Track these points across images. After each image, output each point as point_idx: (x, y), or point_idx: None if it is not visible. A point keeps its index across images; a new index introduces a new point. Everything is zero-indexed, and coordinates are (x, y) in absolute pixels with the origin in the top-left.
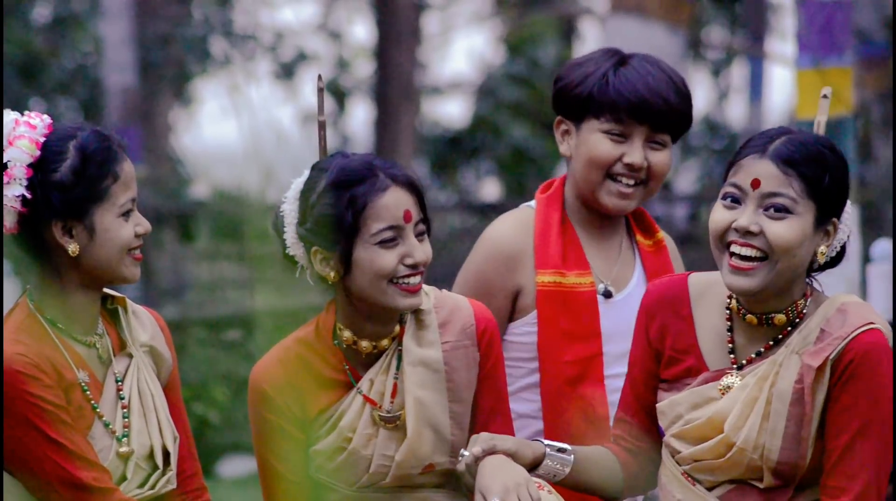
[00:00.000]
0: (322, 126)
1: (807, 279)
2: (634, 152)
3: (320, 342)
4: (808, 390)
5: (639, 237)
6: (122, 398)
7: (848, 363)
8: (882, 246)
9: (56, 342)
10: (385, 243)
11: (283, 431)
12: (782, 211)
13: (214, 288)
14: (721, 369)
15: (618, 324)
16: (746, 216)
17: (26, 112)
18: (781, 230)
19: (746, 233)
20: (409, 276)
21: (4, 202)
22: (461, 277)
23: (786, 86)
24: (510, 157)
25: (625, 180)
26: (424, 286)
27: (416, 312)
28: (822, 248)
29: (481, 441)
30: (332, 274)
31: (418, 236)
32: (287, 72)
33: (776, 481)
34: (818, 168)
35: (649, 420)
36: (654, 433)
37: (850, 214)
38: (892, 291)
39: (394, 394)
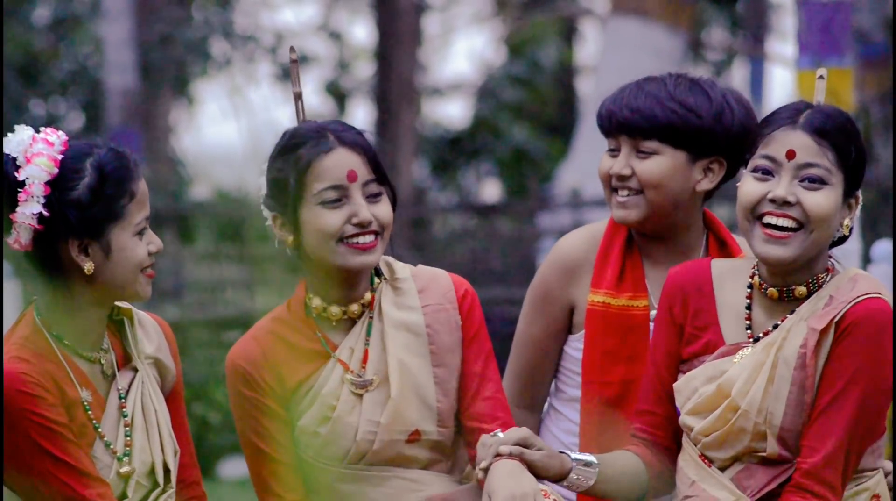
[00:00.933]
0: (298, 97)
1: (830, 259)
2: (618, 162)
3: (292, 315)
4: (810, 353)
5: None
6: (125, 416)
7: (847, 325)
8: (882, 247)
9: (60, 359)
10: (328, 204)
11: (264, 407)
12: (817, 181)
13: (215, 289)
14: (737, 343)
15: None
16: (783, 187)
17: (42, 129)
18: (819, 200)
19: (784, 203)
20: (358, 235)
21: (21, 220)
22: (532, 281)
23: (786, 87)
24: (511, 158)
25: (619, 191)
26: (399, 263)
27: (392, 280)
28: (847, 221)
29: (513, 439)
30: (290, 238)
31: (370, 197)
32: (287, 73)
33: (781, 449)
34: (847, 139)
35: (672, 407)
36: (676, 423)
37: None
38: (892, 292)
39: (364, 360)
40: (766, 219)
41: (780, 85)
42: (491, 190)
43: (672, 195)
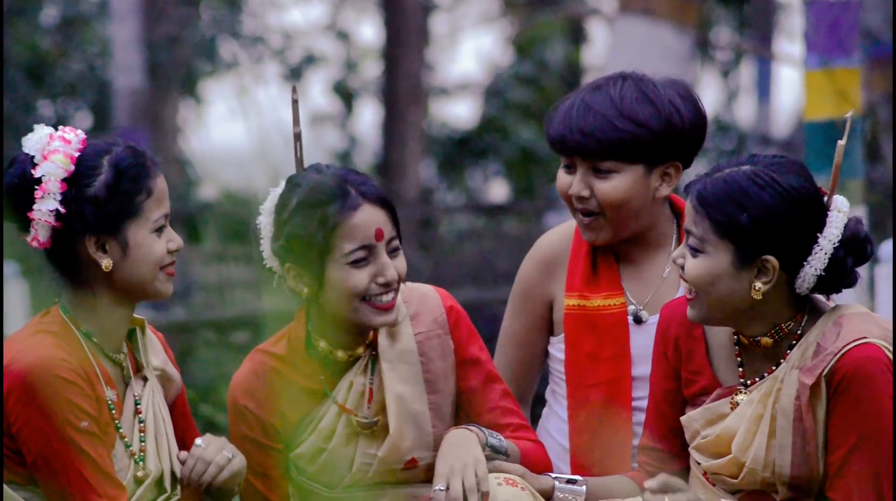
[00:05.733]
0: (297, 138)
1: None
2: (575, 182)
3: (293, 354)
4: (804, 406)
5: None
6: (142, 421)
7: (840, 379)
8: (889, 247)
9: (89, 356)
10: (357, 264)
11: (265, 447)
12: (694, 249)
13: (222, 290)
14: (732, 385)
15: (650, 348)
16: (678, 250)
17: (60, 127)
18: (689, 268)
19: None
20: (381, 294)
21: (39, 217)
22: (515, 278)
23: (794, 86)
24: (518, 158)
25: (581, 212)
26: None
27: None
28: (758, 285)
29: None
30: (306, 290)
31: (391, 252)
32: (295, 73)
33: (793, 493)
34: (732, 208)
35: (677, 442)
36: (682, 457)
37: (823, 249)
38: (893, 292)
39: (370, 399)
40: None
41: (788, 85)
42: (498, 190)
43: (634, 210)
